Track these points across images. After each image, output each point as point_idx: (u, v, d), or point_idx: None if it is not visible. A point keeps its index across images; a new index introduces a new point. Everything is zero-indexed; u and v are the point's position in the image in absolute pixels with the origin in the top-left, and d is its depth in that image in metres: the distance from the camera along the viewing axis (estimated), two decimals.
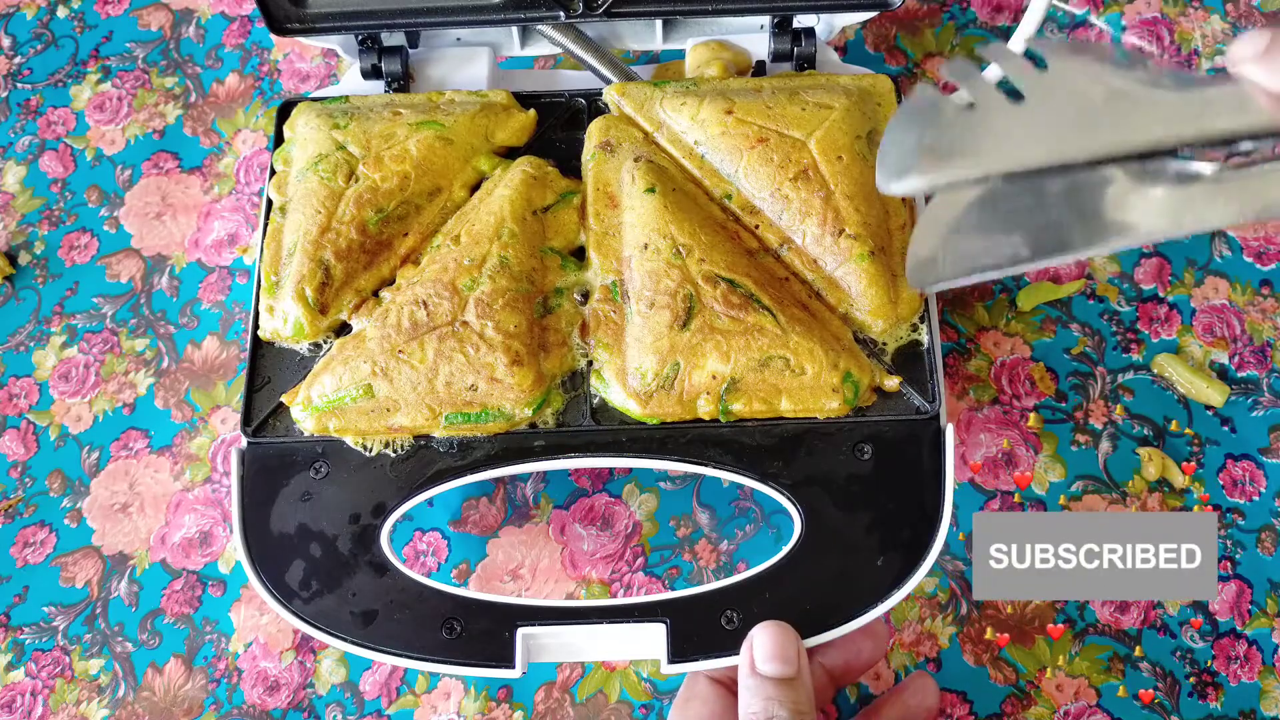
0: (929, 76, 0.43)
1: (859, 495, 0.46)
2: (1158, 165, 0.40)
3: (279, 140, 0.54)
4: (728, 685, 0.45)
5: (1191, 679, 0.52)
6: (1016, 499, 0.56)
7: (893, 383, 0.48)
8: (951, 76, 0.43)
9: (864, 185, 0.49)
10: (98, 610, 0.56)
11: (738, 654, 0.44)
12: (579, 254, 0.51)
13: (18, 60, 0.70)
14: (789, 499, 0.47)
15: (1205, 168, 0.39)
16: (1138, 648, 0.53)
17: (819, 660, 0.46)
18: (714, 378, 0.47)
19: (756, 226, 0.50)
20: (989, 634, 0.53)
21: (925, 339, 0.49)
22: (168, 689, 0.54)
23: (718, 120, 0.51)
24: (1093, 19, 0.67)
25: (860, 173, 0.50)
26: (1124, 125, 0.39)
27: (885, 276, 0.49)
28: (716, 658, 0.44)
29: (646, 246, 0.48)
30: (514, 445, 0.48)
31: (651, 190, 0.49)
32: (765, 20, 0.56)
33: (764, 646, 0.43)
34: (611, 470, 0.57)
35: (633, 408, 0.47)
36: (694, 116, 0.52)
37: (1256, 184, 0.38)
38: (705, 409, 0.47)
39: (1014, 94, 0.41)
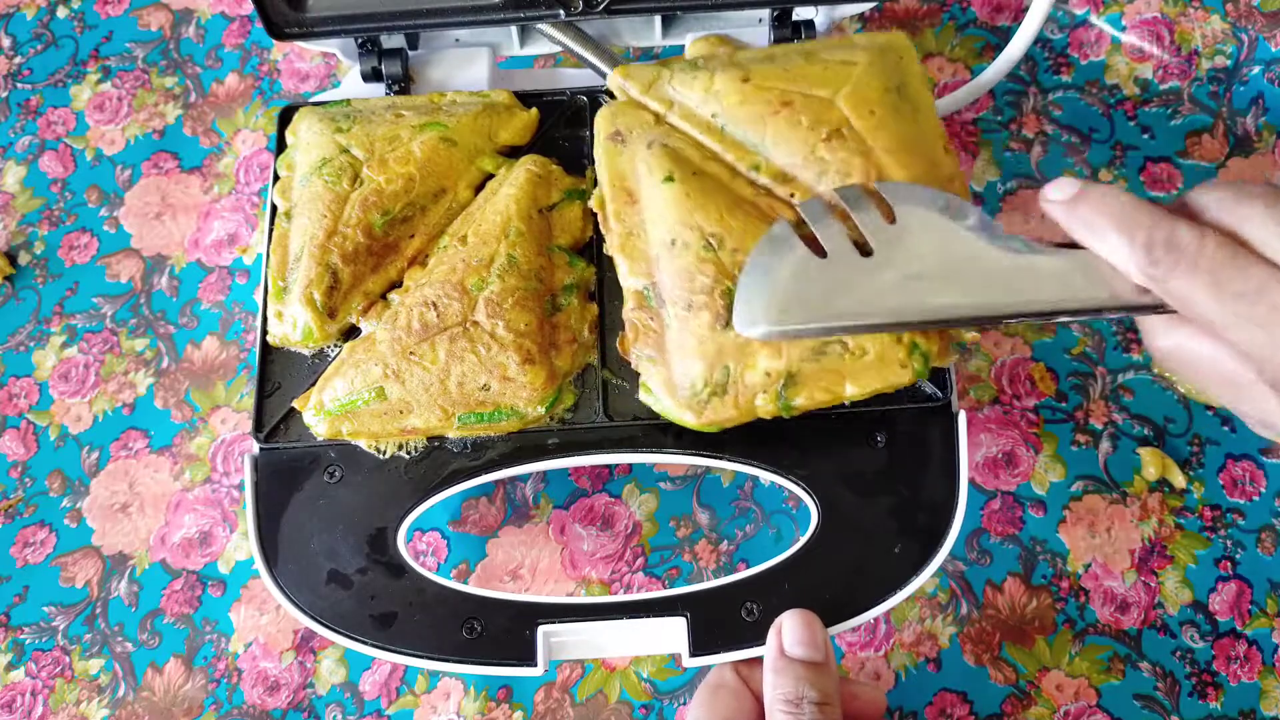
0: (787, 214, 0.44)
1: (874, 483, 0.47)
2: None
3: (280, 145, 0.54)
4: (750, 677, 0.45)
5: (1191, 679, 0.52)
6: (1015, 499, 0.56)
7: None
8: (806, 217, 0.44)
9: (903, 139, 0.46)
10: (98, 610, 0.56)
11: (759, 645, 0.44)
12: (585, 251, 0.51)
13: (18, 60, 0.70)
14: (805, 489, 0.47)
15: None
16: (1138, 648, 0.53)
17: None
18: (769, 375, 0.44)
19: (793, 195, 0.46)
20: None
21: None
22: (168, 689, 0.54)
23: (734, 89, 0.47)
24: (1093, 19, 0.67)
25: (897, 126, 0.46)
26: (961, 289, 0.41)
27: None
28: (738, 649, 0.45)
29: (674, 242, 0.45)
30: (528, 444, 0.48)
31: (670, 179, 0.46)
32: (765, 14, 0.56)
33: (793, 631, 0.44)
34: (611, 470, 0.57)
35: (689, 419, 0.45)
36: (708, 89, 0.48)
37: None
38: (765, 408, 0.44)
39: (862, 246, 0.43)
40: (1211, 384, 0.39)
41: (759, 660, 0.44)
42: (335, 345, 0.50)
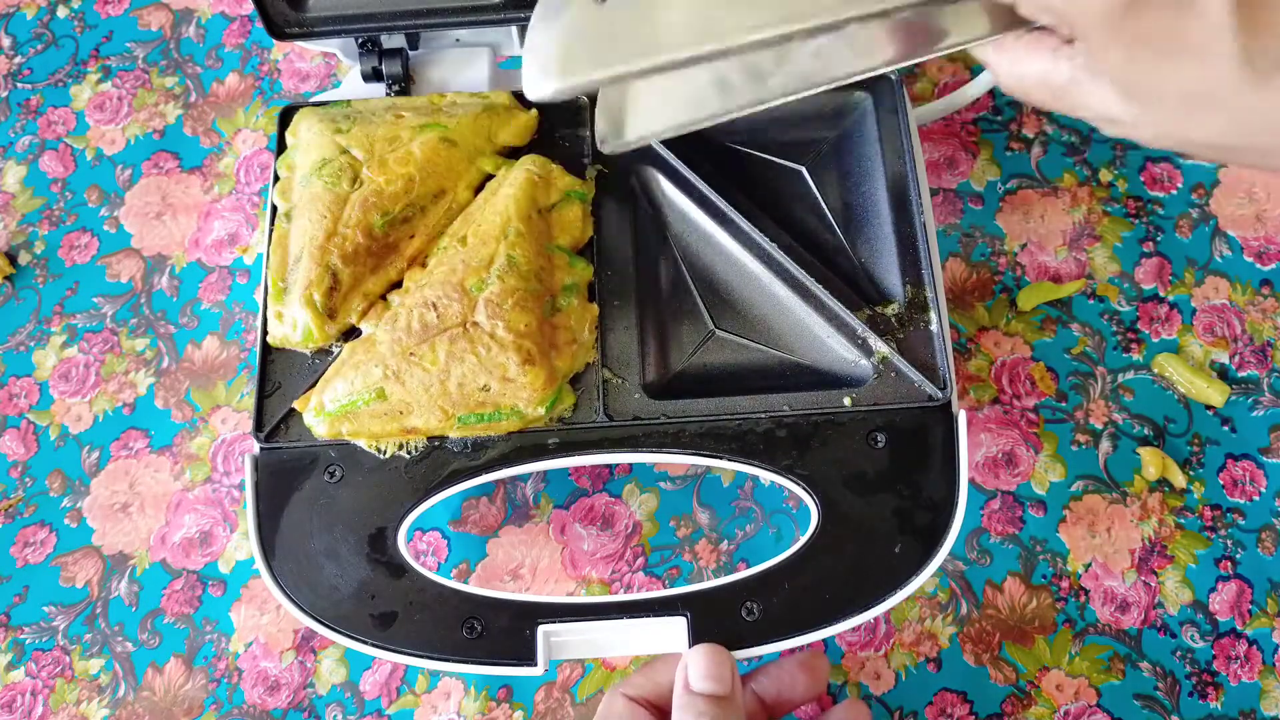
0: None
1: (875, 483, 0.47)
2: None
3: (280, 146, 0.54)
4: (645, 705, 0.45)
5: (1192, 679, 0.52)
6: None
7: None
8: None
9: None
10: (98, 610, 0.56)
11: (759, 645, 0.45)
12: (585, 251, 0.51)
13: (18, 60, 0.70)
14: (805, 489, 0.47)
15: None
16: (1138, 648, 0.53)
17: (752, 687, 0.46)
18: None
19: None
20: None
21: (935, 325, 0.49)
22: (168, 689, 0.54)
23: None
24: None
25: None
26: (754, 3, 0.37)
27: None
28: (738, 649, 0.45)
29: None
30: (528, 444, 0.48)
31: None
32: None
33: (698, 666, 0.43)
34: (612, 469, 0.57)
35: None
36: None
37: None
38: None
39: None
40: (1050, 100, 0.37)
41: (654, 690, 0.45)
42: (335, 345, 0.50)
